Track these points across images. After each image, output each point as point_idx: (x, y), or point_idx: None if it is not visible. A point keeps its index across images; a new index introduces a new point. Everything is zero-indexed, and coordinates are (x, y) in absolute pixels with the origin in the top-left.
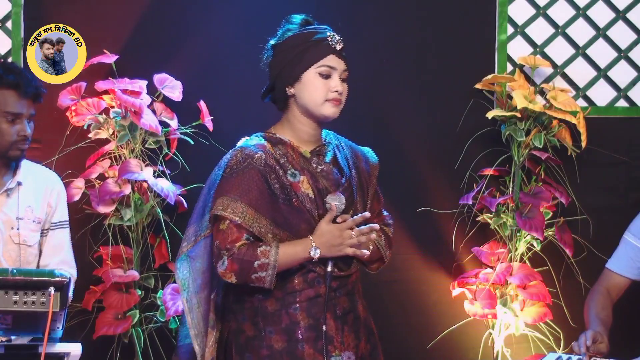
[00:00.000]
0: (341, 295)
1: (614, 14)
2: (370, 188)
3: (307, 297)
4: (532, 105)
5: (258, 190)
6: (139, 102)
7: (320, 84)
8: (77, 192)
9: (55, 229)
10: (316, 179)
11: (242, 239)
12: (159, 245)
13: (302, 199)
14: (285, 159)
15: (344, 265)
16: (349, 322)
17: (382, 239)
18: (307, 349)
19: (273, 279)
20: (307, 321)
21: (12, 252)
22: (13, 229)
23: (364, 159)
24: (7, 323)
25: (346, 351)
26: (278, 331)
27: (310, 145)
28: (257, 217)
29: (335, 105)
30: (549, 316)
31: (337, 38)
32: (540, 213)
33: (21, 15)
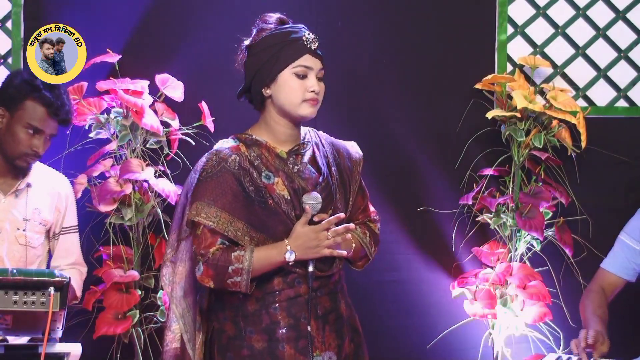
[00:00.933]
0: (322, 295)
1: (614, 14)
2: (353, 184)
3: (287, 297)
4: (532, 106)
5: (232, 194)
6: (141, 102)
7: (296, 85)
8: (80, 189)
9: (67, 234)
10: (292, 179)
11: (217, 244)
12: (159, 246)
13: (278, 200)
14: (260, 161)
15: (324, 266)
16: (330, 322)
17: (367, 236)
18: (287, 349)
19: (248, 283)
20: (287, 321)
21: (16, 252)
22: (19, 229)
23: (346, 155)
24: (7, 323)
25: (327, 351)
26: (258, 331)
27: (288, 145)
28: (232, 221)
29: (312, 105)
30: (548, 316)
31: (312, 37)
32: (540, 213)
33: (21, 15)
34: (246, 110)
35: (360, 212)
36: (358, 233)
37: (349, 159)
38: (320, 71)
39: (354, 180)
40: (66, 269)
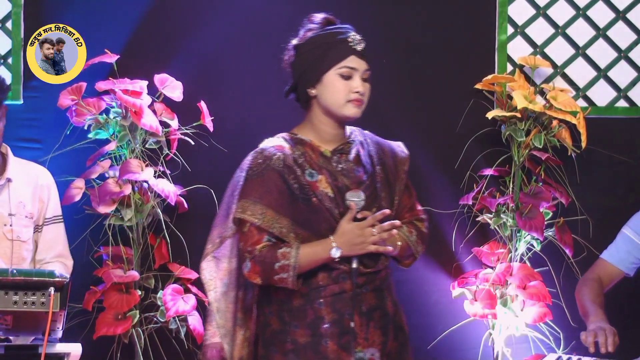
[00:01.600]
0: (368, 291)
1: (614, 14)
2: (398, 183)
3: (331, 292)
4: (532, 106)
5: (277, 191)
6: (140, 102)
7: (341, 85)
8: (78, 193)
9: (50, 224)
10: (335, 177)
11: (263, 241)
12: (159, 246)
13: (321, 197)
14: (304, 159)
15: (370, 262)
16: (375, 319)
17: (414, 235)
18: (330, 345)
19: (295, 279)
20: (331, 316)
21: (6, 248)
22: (6, 225)
23: (391, 154)
24: (7, 323)
25: (370, 348)
26: (303, 325)
27: (332, 144)
28: (277, 218)
29: (356, 106)
30: (549, 316)
31: (358, 38)
32: (540, 213)
33: (21, 15)
34: (247, 110)
35: (407, 210)
36: (404, 231)
37: (393, 158)
38: (365, 72)
39: (399, 179)
40: (51, 261)
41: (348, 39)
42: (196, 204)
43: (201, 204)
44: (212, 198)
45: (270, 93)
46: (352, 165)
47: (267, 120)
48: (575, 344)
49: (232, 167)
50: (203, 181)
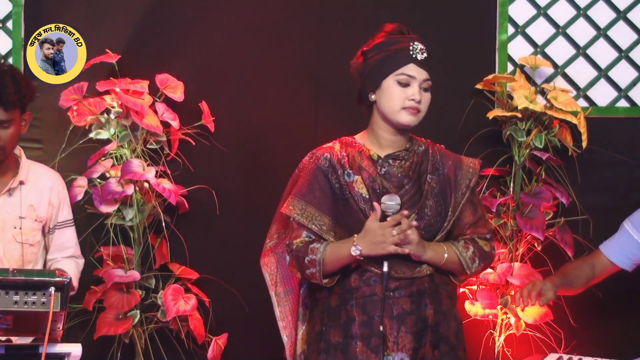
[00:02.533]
0: (402, 296)
1: (615, 14)
2: (455, 196)
3: (362, 294)
4: (533, 106)
5: (320, 190)
6: (141, 102)
7: (398, 92)
8: (80, 191)
9: (63, 228)
10: (374, 179)
11: (302, 236)
12: (159, 246)
13: (357, 198)
14: (346, 160)
15: (406, 269)
16: (408, 324)
17: (470, 251)
18: (360, 346)
19: (321, 274)
20: (361, 318)
21: (14, 251)
22: (15, 228)
23: (454, 166)
24: (7, 323)
25: (399, 352)
26: (337, 326)
27: (388, 150)
28: (318, 216)
29: (411, 114)
30: (549, 316)
31: (420, 47)
32: (541, 213)
33: (22, 15)
34: (247, 110)
35: (469, 227)
36: (458, 246)
37: (456, 170)
38: (425, 82)
39: (459, 192)
40: (62, 260)
41: (410, 47)
42: (197, 204)
43: (202, 204)
44: (213, 198)
45: (271, 93)
46: (400, 171)
47: (268, 121)
48: (576, 343)
49: (233, 167)
50: (204, 181)
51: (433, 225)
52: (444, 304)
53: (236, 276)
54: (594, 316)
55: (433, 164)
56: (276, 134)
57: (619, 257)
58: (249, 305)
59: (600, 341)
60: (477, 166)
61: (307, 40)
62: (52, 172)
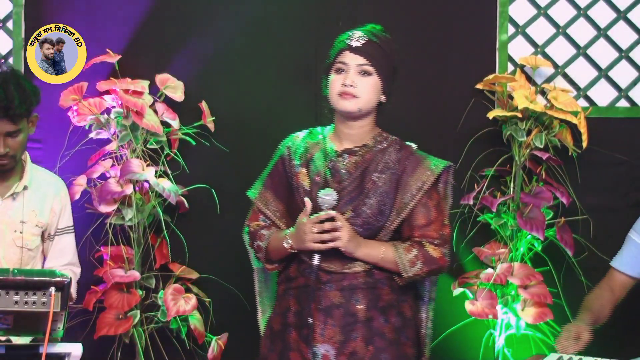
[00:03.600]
0: (332, 289)
1: (615, 14)
2: (403, 196)
3: (298, 284)
4: (533, 106)
5: (278, 176)
6: (141, 102)
7: (335, 80)
8: (79, 190)
9: (62, 235)
10: (317, 172)
11: (260, 220)
12: (160, 246)
13: (300, 189)
14: (301, 150)
15: (337, 264)
16: (336, 317)
17: (411, 254)
18: (293, 335)
19: (265, 261)
20: (295, 307)
21: (13, 255)
22: (16, 232)
23: (411, 167)
24: (7, 323)
25: (325, 344)
26: (278, 313)
27: (346, 145)
28: (273, 201)
29: (345, 99)
30: (550, 316)
31: (357, 35)
32: (541, 213)
33: (22, 15)
34: (248, 111)
35: (418, 229)
36: (399, 248)
37: (410, 172)
38: (361, 66)
39: (407, 194)
40: (61, 269)
41: (346, 37)
42: (197, 204)
43: (202, 204)
44: (212, 198)
45: (272, 93)
46: (348, 166)
47: (268, 121)
48: None
49: (233, 167)
50: (204, 181)
51: (371, 224)
52: (383, 299)
53: (236, 276)
54: None
55: (386, 163)
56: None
57: (635, 269)
58: (249, 305)
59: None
60: (440, 171)
61: (307, 40)
62: (56, 178)
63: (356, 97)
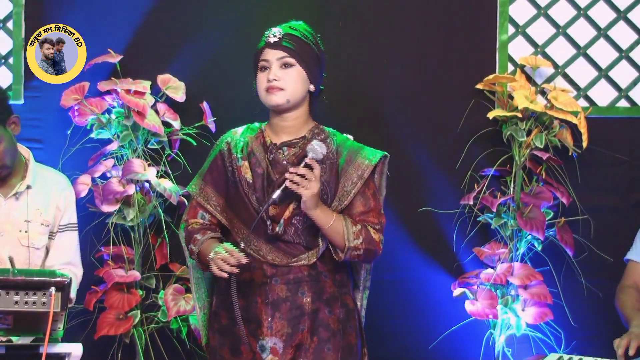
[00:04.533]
0: (278, 283)
1: (615, 14)
2: (344, 184)
3: (242, 279)
4: (533, 106)
5: (217, 171)
6: (142, 102)
7: (260, 78)
8: (84, 189)
9: (64, 232)
10: (259, 164)
11: (198, 216)
12: (160, 246)
13: (242, 182)
14: (242, 144)
15: (283, 257)
16: (283, 310)
17: (357, 227)
18: (242, 328)
19: (199, 264)
20: (241, 302)
21: (20, 254)
22: (22, 231)
23: (349, 157)
24: (8, 323)
25: (273, 337)
26: (223, 308)
27: (283, 138)
28: (212, 196)
29: (273, 93)
30: (550, 316)
31: (274, 31)
32: (541, 213)
33: (22, 15)
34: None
35: (358, 215)
36: (347, 220)
37: (349, 161)
38: (281, 59)
39: (348, 182)
40: (60, 268)
41: (265, 35)
42: None
43: None
44: None
45: None
46: (288, 157)
47: None
48: (576, 343)
49: None
50: None
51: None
52: (327, 291)
53: None
54: (594, 316)
55: (325, 153)
56: None
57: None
58: None
59: (600, 341)
60: (377, 160)
61: None
62: (61, 175)
63: (282, 89)
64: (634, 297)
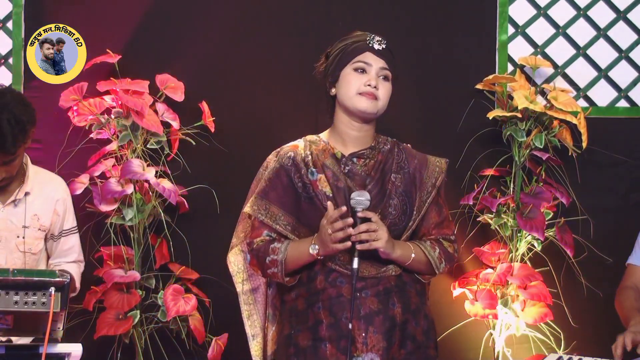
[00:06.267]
0: (368, 296)
1: (615, 14)
2: (420, 195)
3: (329, 296)
4: (533, 106)
5: (282, 188)
6: (141, 102)
7: (354, 78)
8: (81, 187)
9: (68, 235)
10: (338, 177)
11: (263, 235)
12: (160, 246)
13: (320, 196)
14: (310, 158)
15: (371, 268)
16: (376, 324)
17: (437, 251)
18: (329, 348)
19: (283, 274)
20: (329, 320)
21: (17, 260)
22: (19, 237)
23: (420, 165)
24: (7, 323)
25: (369, 352)
26: (305, 329)
27: (352, 148)
28: (281, 215)
29: (369, 99)
30: (549, 316)
31: (377, 38)
32: (541, 213)
33: (22, 16)
34: (248, 111)
35: (434, 227)
36: (426, 246)
37: (422, 169)
38: (382, 70)
39: (425, 192)
40: (65, 265)
41: (366, 38)
42: (197, 204)
43: (202, 204)
44: (213, 198)
45: (272, 94)
46: (364, 169)
47: (269, 121)
48: (576, 344)
49: (233, 167)
50: (204, 181)
51: (397, 225)
52: (413, 302)
53: None
54: (594, 316)
55: (398, 162)
56: (276, 134)
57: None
58: None
59: (600, 341)
60: (444, 165)
61: (308, 40)
62: (58, 179)
63: (377, 99)
64: (632, 297)
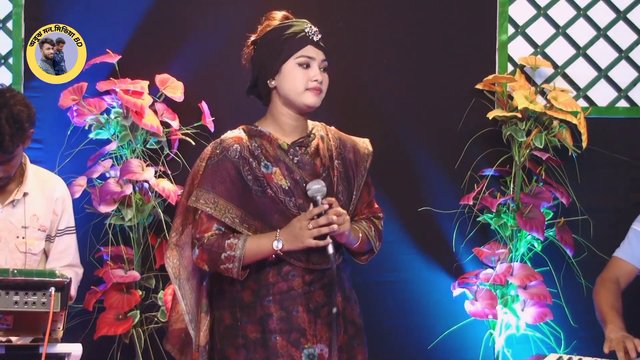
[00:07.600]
0: (315, 289)
1: (615, 14)
2: (357, 178)
3: (279, 290)
4: (533, 106)
5: (230, 182)
6: (141, 102)
7: (300, 74)
8: (79, 190)
9: (62, 235)
10: (292, 170)
11: (213, 229)
12: (159, 246)
13: (276, 189)
14: (260, 151)
15: (321, 261)
16: (322, 316)
17: (372, 230)
18: (280, 341)
19: (239, 270)
20: (279, 314)
21: (17, 260)
22: (19, 237)
23: (352, 149)
24: (7, 323)
25: (319, 344)
26: (252, 322)
27: (293, 137)
28: (229, 208)
29: (315, 94)
30: (549, 316)
31: (314, 30)
32: (541, 213)
33: (22, 16)
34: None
35: (366, 206)
36: (364, 226)
37: (354, 153)
38: (322, 62)
39: (359, 174)
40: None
41: (305, 30)
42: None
43: None
44: None
45: None
46: (309, 158)
47: None
48: (576, 343)
49: None
50: None
51: (345, 209)
52: (347, 287)
53: None
54: (594, 316)
55: (336, 148)
56: None
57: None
58: None
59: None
60: (370, 146)
61: None
62: (57, 179)
63: (322, 92)
64: (613, 292)
